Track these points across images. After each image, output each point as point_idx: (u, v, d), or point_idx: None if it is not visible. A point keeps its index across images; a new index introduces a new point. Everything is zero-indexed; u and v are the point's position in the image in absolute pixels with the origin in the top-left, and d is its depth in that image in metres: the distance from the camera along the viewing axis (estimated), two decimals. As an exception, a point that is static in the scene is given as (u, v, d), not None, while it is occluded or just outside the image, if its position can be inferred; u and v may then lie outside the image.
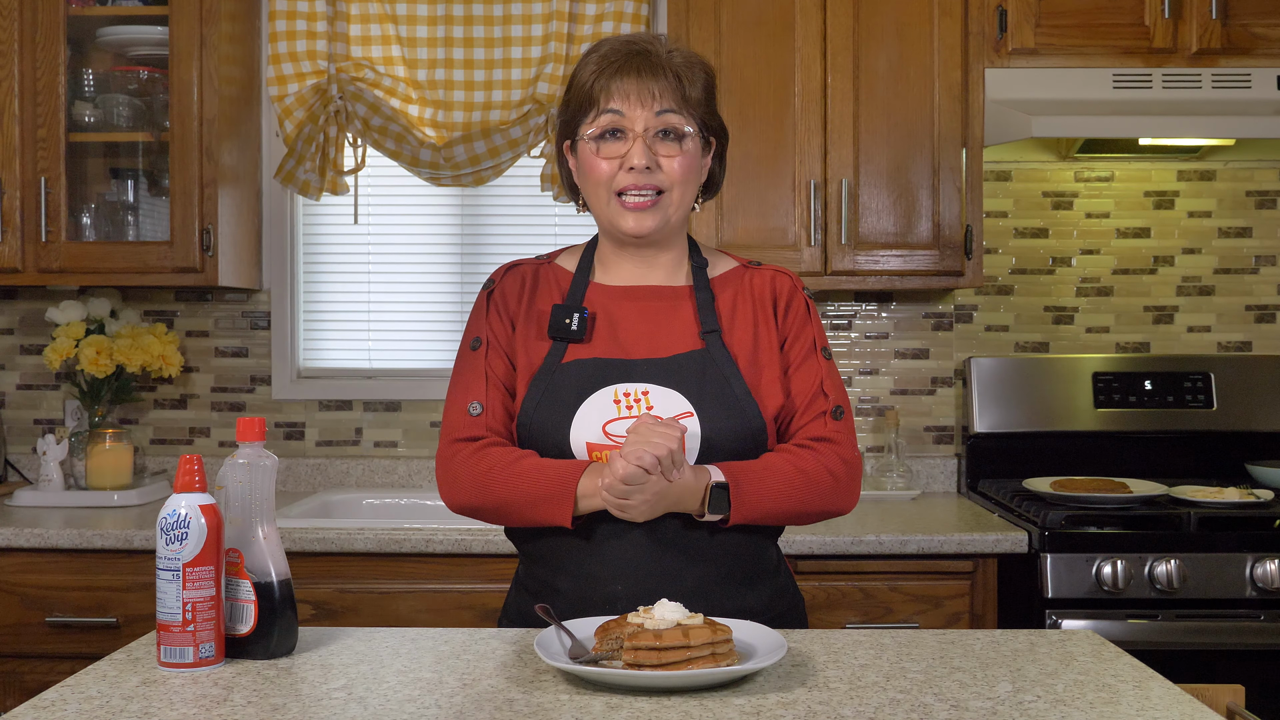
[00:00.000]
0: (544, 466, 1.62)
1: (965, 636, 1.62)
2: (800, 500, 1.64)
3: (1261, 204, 3.31)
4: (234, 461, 1.50)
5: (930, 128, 2.94)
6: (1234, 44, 2.89)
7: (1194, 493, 2.76)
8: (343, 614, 2.63)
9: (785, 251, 2.94)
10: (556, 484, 1.59)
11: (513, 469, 1.63)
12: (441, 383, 3.26)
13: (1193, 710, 1.32)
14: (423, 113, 3.20)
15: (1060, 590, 2.54)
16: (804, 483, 1.64)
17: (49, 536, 2.65)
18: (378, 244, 3.38)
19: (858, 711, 1.30)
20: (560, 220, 3.37)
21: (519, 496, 1.61)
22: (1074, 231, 3.32)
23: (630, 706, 1.31)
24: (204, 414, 3.35)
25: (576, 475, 1.59)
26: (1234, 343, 3.32)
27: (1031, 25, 2.91)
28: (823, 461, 1.66)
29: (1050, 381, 3.17)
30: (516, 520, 1.65)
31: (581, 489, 1.58)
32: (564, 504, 1.58)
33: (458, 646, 1.56)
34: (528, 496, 1.61)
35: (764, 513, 1.62)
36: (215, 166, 2.99)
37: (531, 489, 1.61)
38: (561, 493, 1.58)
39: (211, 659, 1.45)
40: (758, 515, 1.62)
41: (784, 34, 2.94)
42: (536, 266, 1.80)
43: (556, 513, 1.59)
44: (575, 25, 3.17)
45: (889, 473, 3.18)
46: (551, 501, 1.59)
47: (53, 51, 2.97)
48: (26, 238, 2.98)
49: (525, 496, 1.61)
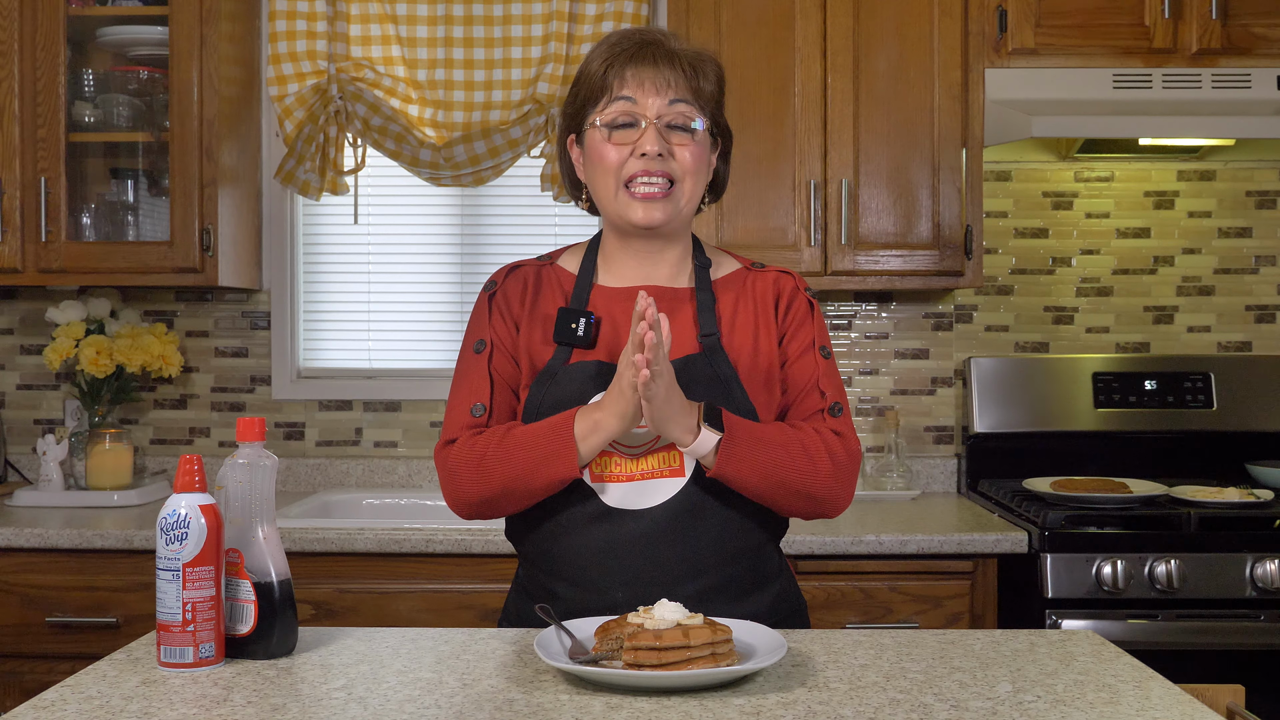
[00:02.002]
0: (535, 428, 1.59)
1: (965, 636, 1.62)
2: (793, 471, 1.59)
3: (1261, 204, 3.31)
4: (234, 461, 1.50)
5: (930, 128, 2.94)
6: (1234, 44, 2.89)
7: (1194, 493, 2.76)
8: (343, 614, 2.63)
9: (785, 251, 2.94)
10: (552, 439, 1.57)
11: (505, 443, 1.60)
12: (442, 383, 3.26)
13: (1193, 710, 1.32)
14: (423, 113, 3.20)
15: (1060, 590, 2.54)
16: (801, 454, 1.60)
17: (49, 536, 2.65)
18: (378, 244, 3.38)
19: (858, 711, 1.30)
20: (560, 220, 3.37)
21: (519, 468, 1.58)
22: (1074, 231, 3.32)
23: (630, 706, 1.31)
24: (204, 414, 3.35)
25: (569, 422, 1.57)
26: (1234, 343, 3.32)
27: (1031, 25, 2.91)
28: (824, 443, 1.62)
29: (1050, 381, 3.17)
30: (526, 495, 1.61)
31: (578, 431, 1.56)
32: (567, 455, 1.56)
33: (458, 646, 1.56)
34: (528, 463, 1.58)
35: (756, 466, 1.57)
36: (215, 166, 2.99)
37: (529, 455, 1.58)
38: (560, 445, 1.56)
39: (211, 659, 1.45)
40: (750, 465, 1.56)
41: (784, 34, 2.94)
42: (538, 268, 1.77)
43: (562, 467, 1.56)
44: (575, 25, 3.17)
45: (889, 473, 3.18)
46: (554, 459, 1.56)
47: (53, 51, 2.97)
48: (26, 238, 2.98)
49: (526, 465, 1.58)
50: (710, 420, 1.55)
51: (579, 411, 1.58)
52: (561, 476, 1.57)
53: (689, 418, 1.55)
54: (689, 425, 1.55)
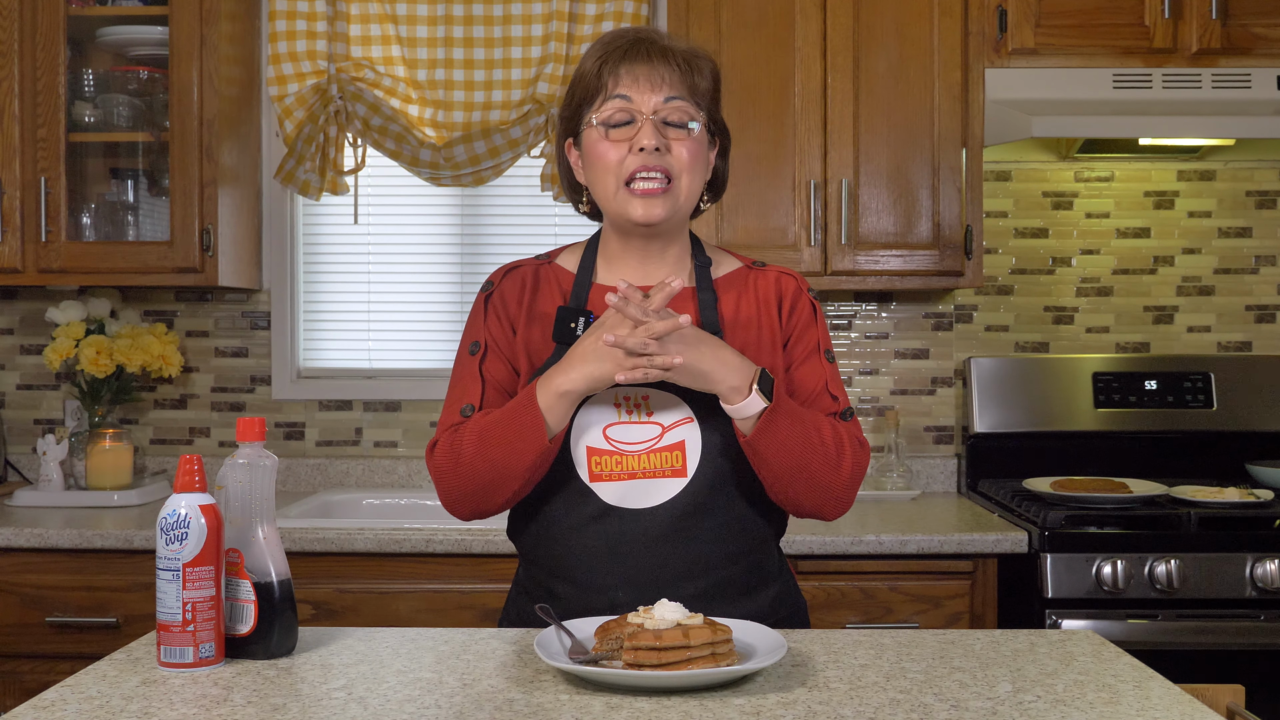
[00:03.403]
0: (500, 412, 1.60)
1: (965, 636, 1.62)
2: (821, 459, 1.59)
3: (1261, 204, 3.31)
4: (234, 461, 1.50)
5: (930, 128, 2.94)
6: (1234, 44, 2.89)
7: (1194, 493, 2.76)
8: (343, 614, 2.63)
9: (785, 251, 2.94)
10: (516, 412, 1.57)
11: (475, 431, 1.60)
12: (442, 383, 3.26)
13: (1193, 710, 1.32)
14: (423, 113, 3.20)
15: (1060, 590, 2.54)
16: (834, 445, 1.60)
17: (49, 536, 2.65)
18: (378, 244, 3.38)
19: (858, 711, 1.30)
20: (560, 220, 3.37)
21: (493, 453, 1.58)
22: (1074, 231, 3.32)
23: (630, 706, 1.31)
24: (204, 414, 3.35)
25: (531, 391, 1.57)
26: (1234, 343, 3.32)
27: (1031, 25, 2.91)
28: (850, 443, 1.63)
29: (1050, 381, 3.17)
30: (511, 479, 1.59)
31: (542, 402, 1.56)
32: (534, 424, 1.55)
33: (458, 646, 1.56)
34: (501, 448, 1.57)
35: (792, 444, 1.56)
36: (215, 166, 2.99)
37: (500, 440, 1.57)
38: (527, 416, 1.55)
39: (211, 659, 1.45)
40: (786, 442, 1.56)
41: (784, 34, 2.94)
42: (536, 267, 1.76)
43: (532, 440, 1.56)
44: (575, 25, 3.17)
45: (889, 473, 3.18)
46: (523, 435, 1.56)
47: (53, 51, 2.97)
48: (26, 238, 2.98)
49: (499, 450, 1.57)
50: (763, 388, 1.55)
51: (538, 382, 1.57)
52: (535, 450, 1.56)
53: (743, 376, 1.55)
54: (741, 384, 1.55)
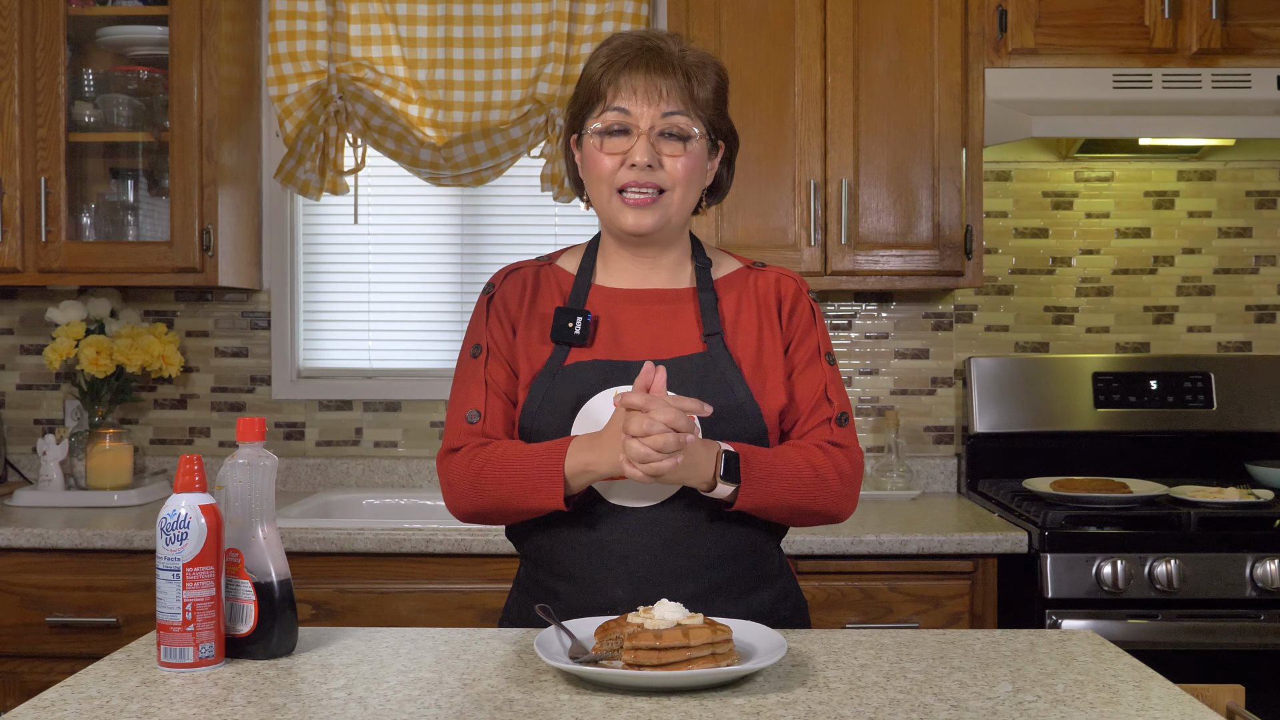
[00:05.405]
0: (529, 453, 1.60)
1: (965, 636, 1.62)
2: (806, 495, 1.63)
3: (1261, 204, 3.31)
4: (234, 461, 1.50)
5: (930, 128, 2.94)
6: (1234, 44, 2.89)
7: (1194, 493, 2.76)
8: (343, 614, 2.63)
9: (785, 251, 2.94)
10: (542, 471, 1.58)
11: (499, 465, 1.62)
12: (442, 383, 3.26)
13: (1193, 710, 1.32)
14: (423, 113, 3.20)
15: (1060, 590, 2.54)
16: (813, 477, 1.63)
17: (49, 536, 2.65)
18: (378, 244, 3.38)
19: (858, 711, 1.30)
20: (560, 220, 3.37)
21: (509, 491, 1.61)
22: (1074, 231, 3.32)
23: (630, 706, 1.31)
24: (204, 414, 3.35)
25: (560, 459, 1.58)
26: (1234, 343, 3.32)
27: (1031, 25, 2.91)
28: (831, 460, 1.65)
29: (1050, 381, 3.17)
30: (516, 515, 1.64)
31: (569, 469, 1.57)
32: (553, 489, 1.57)
33: (458, 646, 1.56)
34: (518, 489, 1.60)
35: (772, 497, 1.60)
36: (215, 166, 2.99)
37: (519, 481, 1.60)
38: (549, 479, 1.57)
39: (211, 659, 1.45)
40: (765, 498, 1.60)
41: (784, 34, 2.94)
42: (537, 268, 1.78)
43: (547, 499, 1.58)
44: (575, 25, 3.17)
45: (889, 473, 3.18)
46: (541, 490, 1.58)
47: (53, 51, 2.97)
48: (26, 238, 2.98)
49: (515, 490, 1.60)
50: (728, 475, 1.57)
51: (571, 446, 1.58)
52: (549, 507, 1.59)
53: (707, 469, 1.57)
54: (706, 479, 1.57)
